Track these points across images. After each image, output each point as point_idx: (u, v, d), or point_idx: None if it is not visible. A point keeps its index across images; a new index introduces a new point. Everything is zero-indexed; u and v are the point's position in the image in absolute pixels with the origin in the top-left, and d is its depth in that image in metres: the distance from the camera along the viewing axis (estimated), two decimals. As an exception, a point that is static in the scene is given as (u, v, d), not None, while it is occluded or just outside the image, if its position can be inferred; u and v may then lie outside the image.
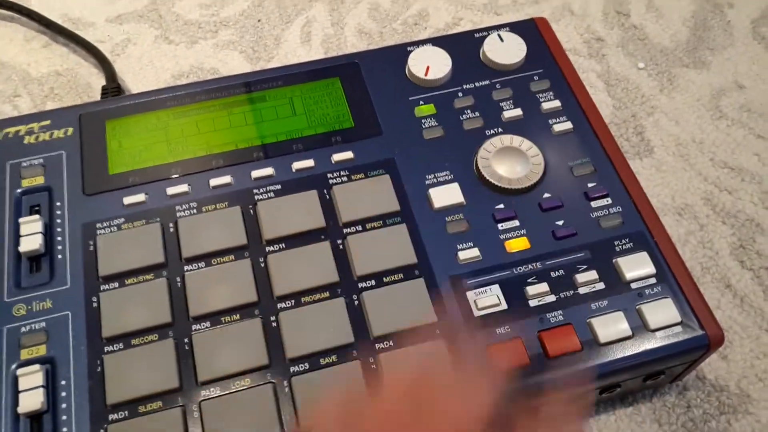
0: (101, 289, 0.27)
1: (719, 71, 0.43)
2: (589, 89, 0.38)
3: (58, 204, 0.29)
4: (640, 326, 0.27)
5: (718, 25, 0.45)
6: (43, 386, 0.25)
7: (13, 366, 0.25)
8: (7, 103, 0.42)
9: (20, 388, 0.25)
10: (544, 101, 0.33)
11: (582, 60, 0.43)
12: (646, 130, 0.40)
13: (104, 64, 0.41)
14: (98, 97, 0.40)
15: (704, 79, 0.42)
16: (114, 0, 0.47)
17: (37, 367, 0.25)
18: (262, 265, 0.28)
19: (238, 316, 0.27)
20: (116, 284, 0.27)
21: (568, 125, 0.32)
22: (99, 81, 0.42)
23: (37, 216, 0.29)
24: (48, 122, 0.32)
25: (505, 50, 0.34)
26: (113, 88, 0.38)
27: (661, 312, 0.27)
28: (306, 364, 0.26)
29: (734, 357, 0.32)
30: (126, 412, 0.25)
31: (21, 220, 0.29)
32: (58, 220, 0.29)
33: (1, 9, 0.45)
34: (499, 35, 0.35)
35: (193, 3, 0.47)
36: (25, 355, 0.26)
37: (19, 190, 0.30)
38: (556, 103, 0.33)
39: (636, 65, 0.43)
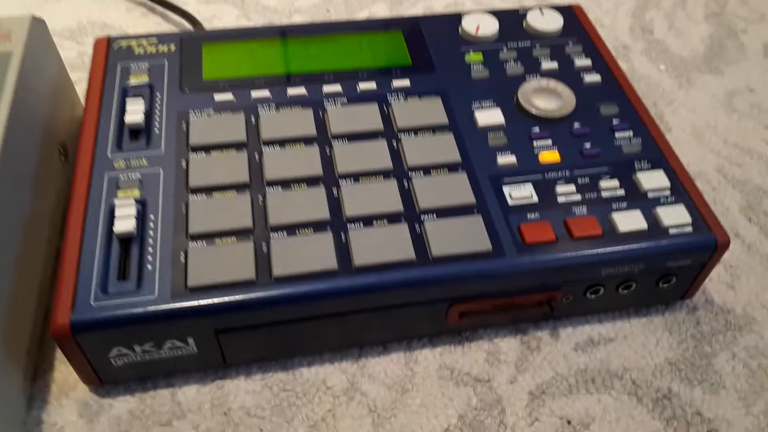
0: (189, 155, 0.32)
1: (732, 78, 0.48)
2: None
3: (158, 95, 0.35)
4: (654, 223, 0.30)
5: (732, 45, 0.51)
6: (135, 217, 0.29)
7: (112, 199, 0.30)
8: (107, 52, 0.48)
9: (116, 214, 0.29)
10: (577, 60, 0.38)
11: (610, 58, 0.49)
12: (665, 114, 0.45)
13: (196, 25, 0.47)
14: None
15: (719, 82, 0.48)
16: (204, -14, 0.54)
17: (131, 200, 0.29)
18: (328, 153, 0.32)
19: (305, 185, 0.31)
20: (203, 153, 0.32)
21: (597, 78, 0.37)
22: (187, 42, 0.49)
23: (140, 98, 0.34)
24: (155, 39, 0.38)
25: (546, 21, 0.40)
26: (203, 37, 0.44)
27: (674, 214, 0.31)
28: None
29: (740, 288, 0.35)
30: (204, 242, 0.29)
31: (128, 99, 0.34)
32: (157, 107, 0.34)
33: (108, -16, 0.52)
34: (540, 9, 0.41)
35: (272, -7, 0.54)
36: (121, 195, 0.30)
37: (126, 84, 0.35)
38: (588, 62, 0.38)
39: (658, 67, 0.48)
